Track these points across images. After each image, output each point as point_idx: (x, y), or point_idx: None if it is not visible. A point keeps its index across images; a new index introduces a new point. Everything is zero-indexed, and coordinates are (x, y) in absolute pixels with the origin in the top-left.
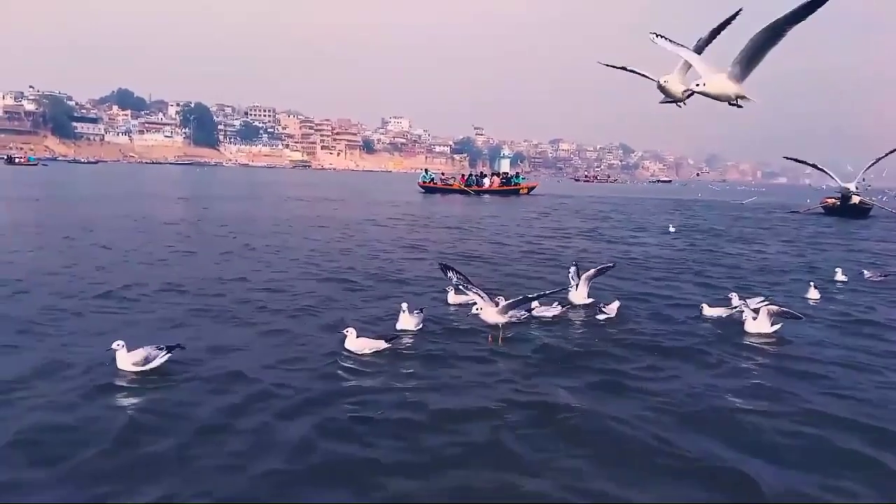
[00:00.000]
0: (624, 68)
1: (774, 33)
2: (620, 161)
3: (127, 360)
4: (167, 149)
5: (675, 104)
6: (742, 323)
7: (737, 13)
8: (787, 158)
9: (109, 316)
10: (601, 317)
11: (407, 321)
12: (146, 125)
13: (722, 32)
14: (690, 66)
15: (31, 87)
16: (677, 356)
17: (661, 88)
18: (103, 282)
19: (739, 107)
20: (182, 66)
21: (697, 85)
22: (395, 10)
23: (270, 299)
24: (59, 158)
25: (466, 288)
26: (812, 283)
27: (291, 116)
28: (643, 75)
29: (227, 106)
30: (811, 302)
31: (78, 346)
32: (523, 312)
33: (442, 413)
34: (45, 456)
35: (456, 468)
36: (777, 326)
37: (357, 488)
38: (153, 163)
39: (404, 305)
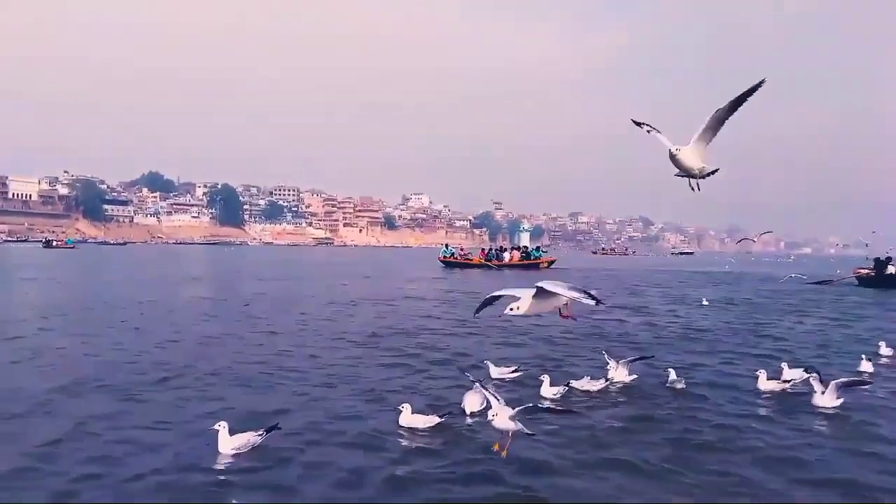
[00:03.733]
0: (649, 127)
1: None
2: (641, 233)
3: (228, 443)
4: (194, 229)
5: (689, 184)
6: (802, 394)
7: (760, 83)
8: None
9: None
10: (675, 385)
11: (472, 402)
12: (174, 206)
13: (743, 104)
14: (708, 139)
15: (65, 171)
16: (741, 430)
17: (674, 159)
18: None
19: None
20: (211, 150)
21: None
22: (414, 94)
23: (342, 377)
24: (89, 240)
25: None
26: (864, 356)
27: (315, 195)
28: (660, 138)
29: (253, 186)
30: (865, 376)
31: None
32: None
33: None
34: None
35: None
36: (842, 399)
37: None
38: (179, 243)
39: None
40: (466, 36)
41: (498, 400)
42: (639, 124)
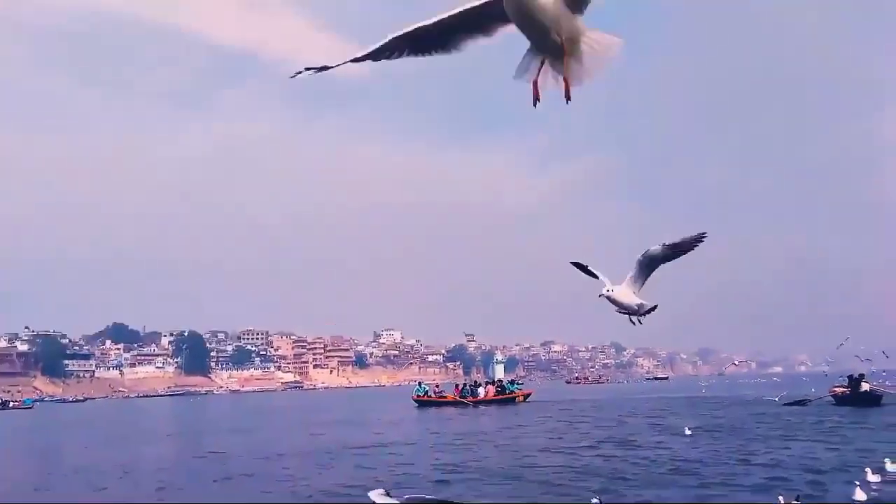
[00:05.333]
0: (587, 269)
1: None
2: (614, 360)
3: None
4: (158, 380)
5: (629, 320)
6: None
7: (702, 236)
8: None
9: None
10: None
11: None
12: (138, 357)
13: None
14: (643, 278)
15: (26, 327)
16: None
17: (609, 299)
18: None
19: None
20: (179, 296)
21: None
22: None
23: None
24: (46, 399)
25: None
26: (857, 484)
27: (284, 337)
28: (596, 276)
29: (221, 332)
30: None
31: None
32: None
33: None
34: None
35: None
36: None
37: None
38: (141, 396)
39: None
40: (443, 171)
41: None
42: (579, 266)
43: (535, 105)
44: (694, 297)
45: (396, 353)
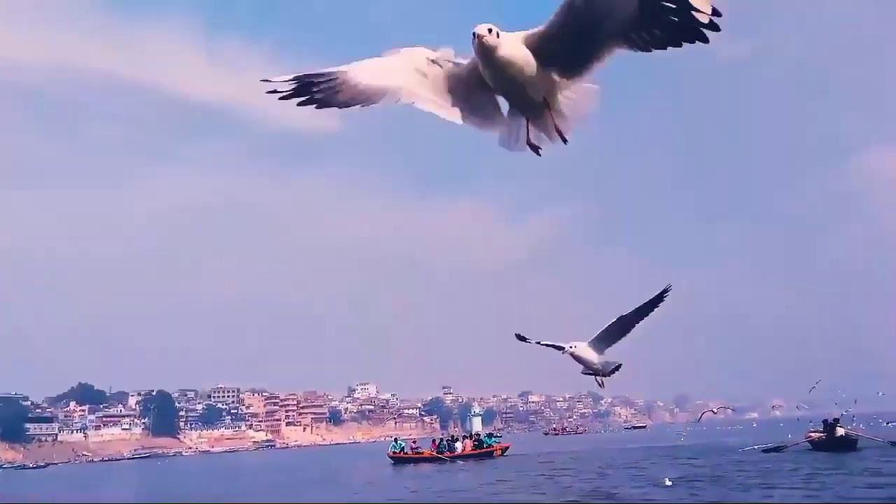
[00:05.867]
0: (538, 343)
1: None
2: (592, 409)
3: None
4: (124, 443)
5: (595, 380)
6: None
7: (665, 291)
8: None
9: None
10: None
11: None
12: (104, 419)
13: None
14: (610, 341)
15: None
16: None
17: (573, 356)
18: None
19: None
20: (148, 353)
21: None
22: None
23: None
24: (5, 465)
25: None
26: None
27: (256, 395)
28: (555, 346)
29: (190, 391)
30: None
31: None
32: None
33: None
34: None
35: None
36: None
37: None
38: (106, 459)
39: None
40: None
41: None
42: (522, 339)
43: (538, 154)
44: (669, 344)
45: (372, 408)
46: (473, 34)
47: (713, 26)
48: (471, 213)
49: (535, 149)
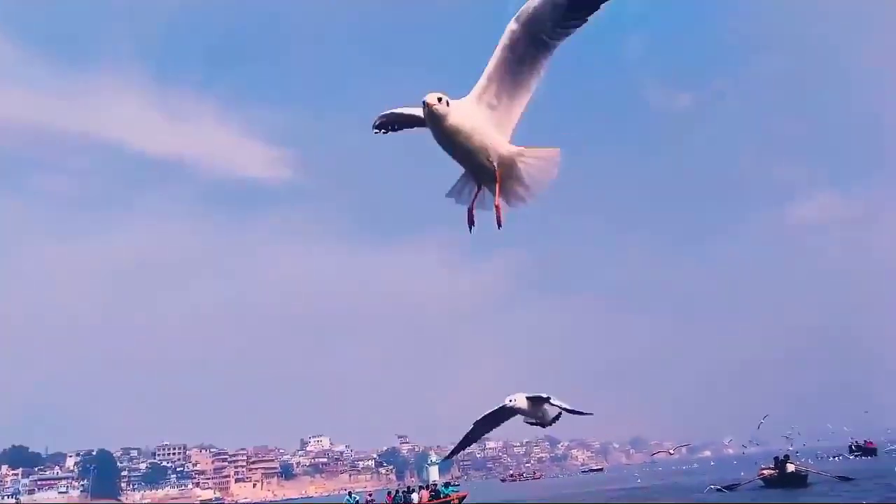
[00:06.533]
0: (502, 408)
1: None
2: (549, 453)
3: None
4: None
5: (539, 427)
6: None
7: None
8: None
9: None
10: None
11: None
12: (38, 483)
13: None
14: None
15: None
16: None
17: (511, 410)
18: None
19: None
20: (87, 412)
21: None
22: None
23: None
24: None
25: None
26: None
27: (203, 451)
28: (496, 411)
29: (134, 449)
30: None
31: None
32: None
33: None
34: None
35: None
36: None
37: None
38: None
39: None
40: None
41: None
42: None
43: (469, 230)
44: (623, 385)
45: (325, 460)
46: (423, 102)
47: None
48: (421, 261)
49: (471, 224)
